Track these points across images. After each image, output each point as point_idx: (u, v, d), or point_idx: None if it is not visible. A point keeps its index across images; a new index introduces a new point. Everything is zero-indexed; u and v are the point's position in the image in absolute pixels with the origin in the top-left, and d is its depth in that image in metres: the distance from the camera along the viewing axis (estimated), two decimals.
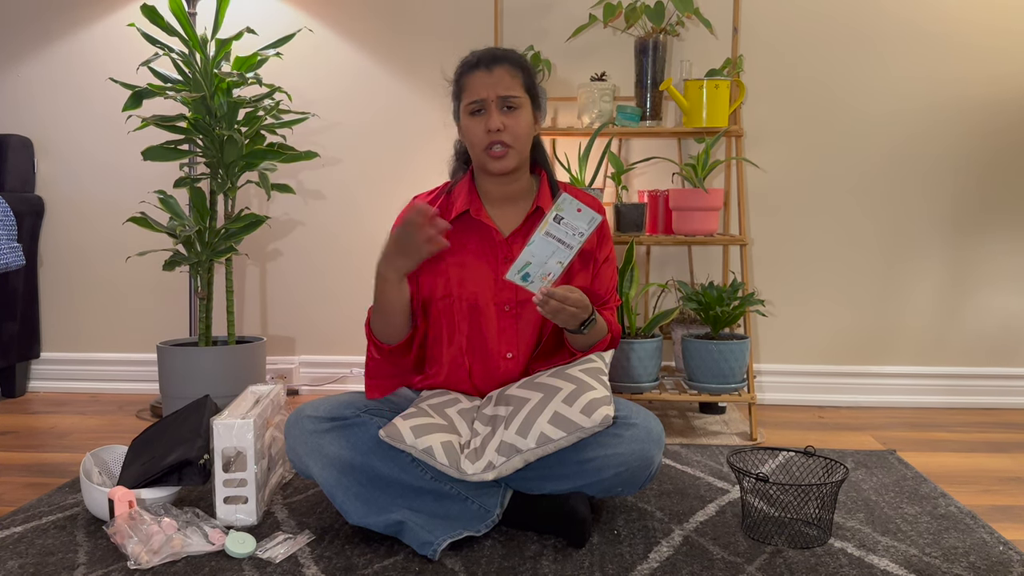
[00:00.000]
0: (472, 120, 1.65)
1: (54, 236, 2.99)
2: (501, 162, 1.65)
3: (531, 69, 1.71)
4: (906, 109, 2.72)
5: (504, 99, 1.63)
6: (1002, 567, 1.45)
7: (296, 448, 1.59)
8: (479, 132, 1.64)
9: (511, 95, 1.63)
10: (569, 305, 1.52)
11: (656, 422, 1.61)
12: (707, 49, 2.73)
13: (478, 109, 1.64)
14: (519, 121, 1.65)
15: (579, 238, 1.51)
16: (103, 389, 3.00)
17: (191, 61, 2.42)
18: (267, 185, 2.47)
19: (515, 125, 1.64)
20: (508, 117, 1.64)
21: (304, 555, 1.50)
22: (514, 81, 1.65)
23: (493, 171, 1.66)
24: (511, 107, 1.64)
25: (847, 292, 2.78)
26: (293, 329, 2.97)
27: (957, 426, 2.52)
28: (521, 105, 1.65)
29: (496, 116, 1.62)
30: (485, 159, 1.65)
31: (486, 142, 1.63)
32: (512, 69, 1.66)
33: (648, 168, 2.77)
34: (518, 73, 1.66)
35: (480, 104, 1.63)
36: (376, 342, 1.67)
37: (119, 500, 1.55)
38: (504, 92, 1.63)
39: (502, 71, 1.64)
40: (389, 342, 1.66)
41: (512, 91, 1.64)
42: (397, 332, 1.64)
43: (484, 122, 1.63)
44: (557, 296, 1.50)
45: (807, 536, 1.57)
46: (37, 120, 2.95)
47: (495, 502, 1.58)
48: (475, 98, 1.63)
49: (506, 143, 1.63)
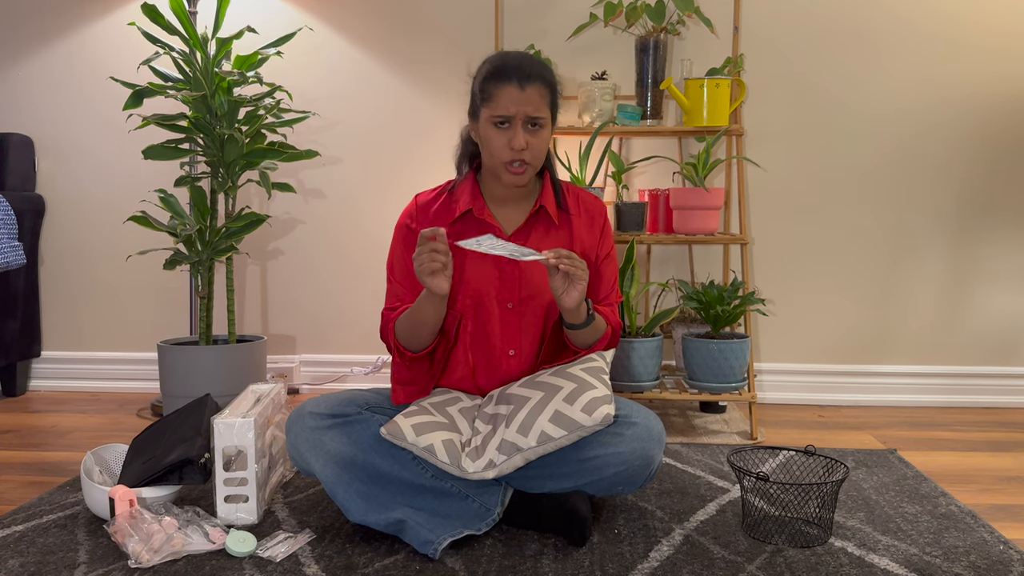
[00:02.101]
0: (496, 131, 1.63)
1: (55, 235, 2.99)
2: (519, 178, 1.65)
3: (557, 86, 1.69)
4: (908, 108, 2.72)
5: (532, 119, 1.62)
6: (1002, 566, 1.45)
7: (298, 445, 1.59)
8: (501, 146, 1.63)
9: (539, 116, 1.62)
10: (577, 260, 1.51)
11: (657, 421, 1.61)
12: (708, 48, 2.73)
13: (503, 122, 1.62)
14: (541, 140, 1.64)
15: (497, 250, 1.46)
16: (104, 388, 3.00)
17: (192, 60, 2.42)
18: (268, 184, 2.47)
19: (538, 144, 1.64)
20: (533, 136, 1.63)
21: (305, 554, 1.50)
22: (543, 101, 1.63)
23: (508, 184, 1.67)
24: (536, 126, 1.63)
25: (848, 291, 2.78)
26: (293, 328, 2.97)
27: (958, 425, 2.52)
28: (546, 124, 1.64)
29: (521, 136, 1.61)
30: (502, 172, 1.65)
31: (508, 158, 1.63)
32: (543, 88, 1.63)
33: (649, 167, 2.77)
34: (547, 92, 1.65)
35: (507, 120, 1.61)
36: (400, 347, 1.67)
37: (120, 499, 1.55)
38: (533, 112, 1.61)
39: (533, 90, 1.61)
40: (413, 349, 1.66)
41: (540, 112, 1.62)
42: (423, 342, 1.65)
43: (508, 136, 1.62)
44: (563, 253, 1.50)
45: (807, 535, 1.57)
46: (38, 119, 2.95)
47: (496, 500, 1.58)
48: (503, 113, 1.61)
49: (526, 161, 1.63)
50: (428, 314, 1.59)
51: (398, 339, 1.66)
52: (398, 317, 1.66)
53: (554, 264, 1.50)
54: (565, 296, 1.53)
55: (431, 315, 1.59)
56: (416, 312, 1.60)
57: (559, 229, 1.73)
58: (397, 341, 1.66)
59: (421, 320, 1.60)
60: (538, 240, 1.71)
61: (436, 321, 1.61)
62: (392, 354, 1.70)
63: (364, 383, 2.91)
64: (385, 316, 1.71)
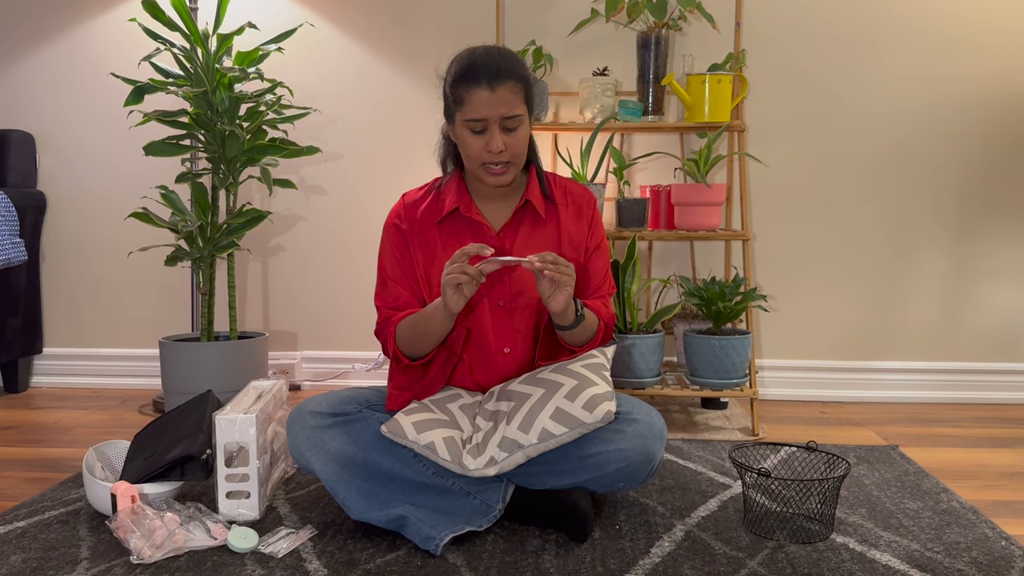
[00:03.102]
0: (471, 136, 1.60)
1: (56, 231, 2.99)
2: (502, 178, 1.63)
3: (530, 78, 1.64)
4: (908, 105, 2.71)
5: (506, 119, 1.58)
6: (1004, 562, 1.45)
7: (298, 443, 1.59)
8: (478, 148, 1.60)
9: (514, 114, 1.58)
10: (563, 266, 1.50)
11: (658, 417, 1.61)
12: (709, 44, 2.72)
13: (479, 129, 1.59)
14: (519, 138, 1.61)
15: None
16: (105, 384, 3.00)
17: (192, 56, 2.42)
18: (269, 180, 2.47)
19: (516, 143, 1.61)
20: (510, 137, 1.59)
21: (306, 550, 1.50)
22: (516, 99, 1.58)
23: (491, 184, 1.65)
24: (512, 128, 1.59)
25: (850, 287, 2.78)
26: (295, 324, 2.97)
27: (959, 421, 2.52)
28: (522, 122, 1.61)
29: (498, 138, 1.58)
30: (482, 174, 1.63)
31: (485, 159, 1.61)
32: (515, 85, 1.57)
33: (650, 163, 2.77)
34: (519, 88, 1.59)
35: (482, 124, 1.58)
36: (398, 353, 1.66)
37: (122, 495, 1.55)
38: (508, 112, 1.57)
39: (504, 90, 1.56)
40: (411, 356, 1.66)
41: (515, 110, 1.58)
42: (424, 351, 1.65)
43: (484, 141, 1.59)
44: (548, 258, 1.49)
45: (809, 531, 1.57)
46: (39, 115, 2.95)
47: (497, 497, 1.58)
48: (476, 116, 1.57)
49: (507, 161, 1.61)
50: (435, 326, 1.58)
51: (398, 344, 1.66)
52: (401, 321, 1.66)
53: (539, 268, 1.49)
54: (552, 300, 1.53)
55: (438, 327, 1.59)
56: (424, 320, 1.60)
57: (546, 223, 1.71)
58: (396, 346, 1.66)
59: (427, 329, 1.60)
60: (526, 235, 1.70)
61: (442, 332, 1.61)
62: (388, 356, 1.70)
63: (365, 380, 2.91)
64: (384, 314, 1.70)
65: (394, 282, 1.71)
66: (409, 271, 1.70)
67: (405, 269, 1.70)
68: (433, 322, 1.58)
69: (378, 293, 1.73)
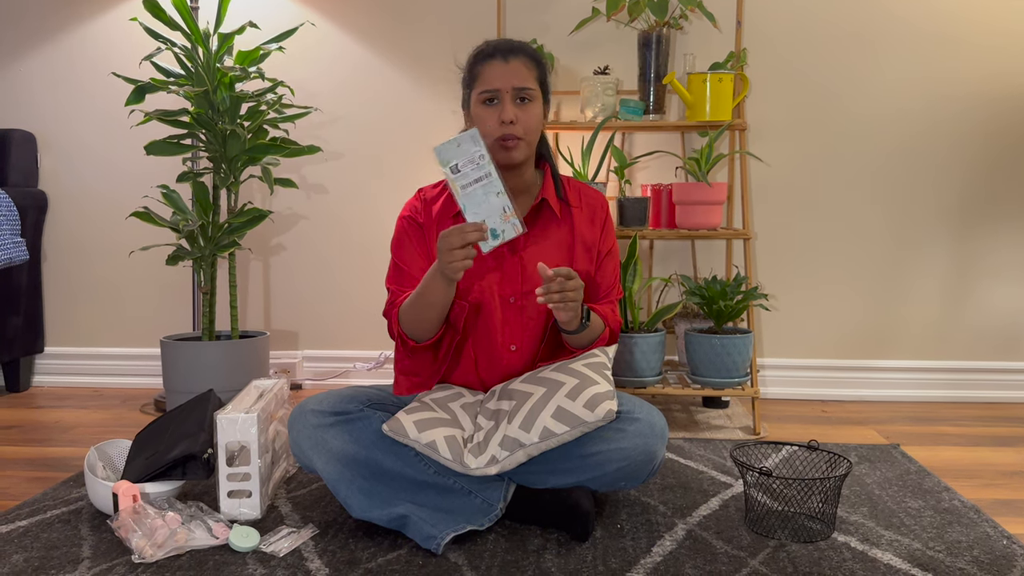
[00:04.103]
0: (485, 109, 1.65)
1: (57, 231, 3.00)
2: (511, 153, 1.65)
3: (544, 63, 1.72)
4: (909, 106, 2.71)
5: (519, 91, 1.64)
6: (1005, 561, 1.45)
7: (300, 442, 1.59)
8: (491, 122, 1.64)
9: (526, 87, 1.64)
10: (569, 289, 1.51)
11: (659, 416, 1.61)
12: (710, 43, 2.72)
13: (491, 99, 1.64)
14: (531, 114, 1.66)
15: (484, 160, 1.48)
16: (107, 384, 3.00)
17: (193, 55, 2.42)
18: (270, 179, 2.47)
19: (528, 118, 1.65)
20: (521, 110, 1.64)
21: (308, 549, 1.51)
22: (529, 73, 1.65)
23: (502, 162, 1.66)
24: (525, 99, 1.65)
25: (851, 286, 2.78)
26: (296, 324, 2.98)
27: (961, 420, 2.52)
28: (535, 98, 1.66)
29: (510, 108, 1.63)
30: (495, 149, 1.65)
31: (498, 133, 1.64)
32: (528, 61, 1.66)
33: (651, 162, 2.77)
34: (533, 66, 1.67)
35: (494, 94, 1.64)
36: (404, 337, 1.67)
37: (123, 494, 1.55)
38: (520, 83, 1.63)
39: (518, 63, 1.64)
40: (418, 339, 1.66)
41: (527, 83, 1.64)
42: (429, 330, 1.65)
43: (497, 113, 1.63)
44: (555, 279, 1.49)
45: (810, 530, 1.57)
46: (40, 115, 2.95)
47: (498, 496, 1.58)
48: (489, 87, 1.64)
49: (518, 136, 1.64)
50: (436, 296, 1.58)
51: (403, 327, 1.66)
52: (402, 304, 1.66)
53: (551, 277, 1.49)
54: (558, 313, 1.55)
55: (439, 297, 1.58)
56: (424, 293, 1.60)
57: (561, 223, 1.73)
58: (401, 330, 1.66)
59: (429, 301, 1.60)
60: (540, 233, 1.71)
61: (444, 303, 1.60)
62: (395, 341, 1.70)
63: (367, 379, 2.91)
64: (394, 295, 1.71)
65: (408, 267, 1.72)
66: (424, 258, 1.72)
67: (420, 256, 1.72)
68: (434, 292, 1.58)
69: (391, 277, 1.75)
